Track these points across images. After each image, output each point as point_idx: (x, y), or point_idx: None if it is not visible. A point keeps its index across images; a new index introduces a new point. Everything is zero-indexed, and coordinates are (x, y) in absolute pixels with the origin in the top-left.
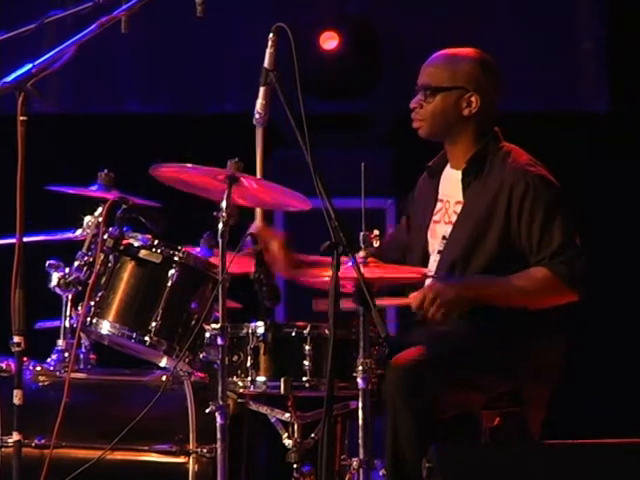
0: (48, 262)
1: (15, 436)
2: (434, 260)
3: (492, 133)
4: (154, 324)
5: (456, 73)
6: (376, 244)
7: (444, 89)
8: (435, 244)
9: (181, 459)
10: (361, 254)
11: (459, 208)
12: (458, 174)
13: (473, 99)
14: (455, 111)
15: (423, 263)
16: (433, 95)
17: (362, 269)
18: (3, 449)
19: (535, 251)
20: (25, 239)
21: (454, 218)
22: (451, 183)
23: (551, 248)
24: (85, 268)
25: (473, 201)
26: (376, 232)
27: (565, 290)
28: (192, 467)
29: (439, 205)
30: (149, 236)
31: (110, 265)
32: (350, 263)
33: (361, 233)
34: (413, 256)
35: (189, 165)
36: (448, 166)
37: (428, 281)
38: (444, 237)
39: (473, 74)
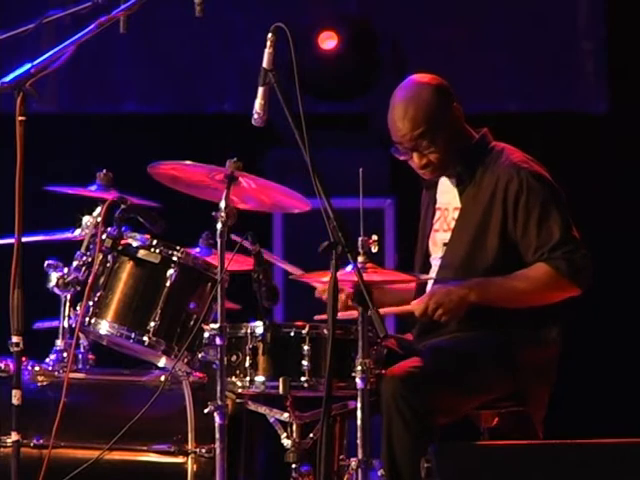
0: (47, 262)
1: (14, 436)
2: (435, 266)
3: (482, 134)
4: (153, 324)
5: (431, 106)
6: (374, 249)
7: (439, 126)
8: (437, 251)
9: (180, 459)
10: (360, 259)
11: (457, 214)
12: (453, 181)
13: (456, 110)
14: (457, 132)
15: (424, 271)
16: (434, 141)
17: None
18: (2, 449)
19: (534, 247)
20: (24, 239)
21: (453, 225)
22: (447, 191)
23: (549, 243)
24: (84, 268)
25: (470, 205)
26: (374, 237)
27: (567, 285)
28: (191, 467)
29: (438, 214)
30: (148, 236)
31: (109, 265)
32: (349, 268)
33: (359, 238)
34: (415, 264)
35: (188, 162)
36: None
37: (429, 285)
38: (444, 244)
39: (439, 95)
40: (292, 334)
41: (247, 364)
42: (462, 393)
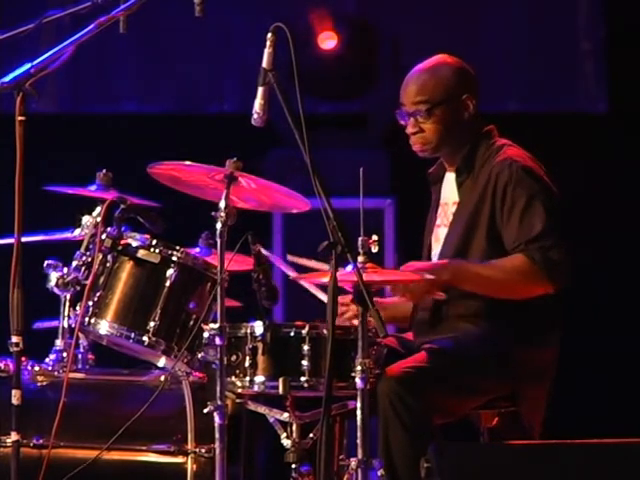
0: (46, 262)
1: (13, 436)
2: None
3: (486, 130)
4: (152, 324)
5: (444, 81)
6: (374, 249)
7: (442, 102)
8: (437, 248)
9: (179, 459)
10: (360, 259)
11: (455, 208)
12: (454, 175)
13: (469, 101)
14: (458, 119)
15: None
16: (432, 111)
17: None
18: (2, 449)
19: (513, 238)
20: (23, 239)
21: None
22: (450, 186)
23: (528, 235)
24: (83, 268)
25: (466, 199)
26: (375, 237)
27: (540, 278)
28: (190, 467)
29: (440, 209)
30: (147, 236)
31: (108, 265)
32: (349, 268)
33: (359, 238)
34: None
35: (187, 162)
36: (448, 170)
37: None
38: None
39: (458, 77)
40: (292, 334)
41: (247, 364)
42: (459, 394)
